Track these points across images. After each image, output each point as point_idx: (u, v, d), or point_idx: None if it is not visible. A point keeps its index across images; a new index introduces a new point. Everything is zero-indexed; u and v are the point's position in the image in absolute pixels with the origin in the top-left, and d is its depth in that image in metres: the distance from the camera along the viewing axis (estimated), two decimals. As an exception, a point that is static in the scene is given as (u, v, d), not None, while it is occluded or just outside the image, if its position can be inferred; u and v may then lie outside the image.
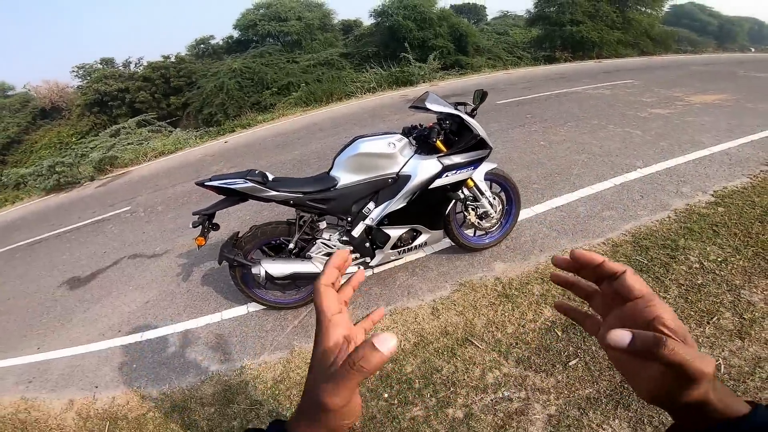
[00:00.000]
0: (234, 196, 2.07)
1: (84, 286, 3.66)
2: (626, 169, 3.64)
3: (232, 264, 2.24)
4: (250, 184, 2.00)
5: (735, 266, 2.25)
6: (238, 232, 2.35)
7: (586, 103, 6.42)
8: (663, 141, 4.25)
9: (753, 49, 22.29)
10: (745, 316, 1.92)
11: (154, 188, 6.29)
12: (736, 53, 17.18)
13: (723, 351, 1.77)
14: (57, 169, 8.32)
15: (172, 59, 17.50)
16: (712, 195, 3.02)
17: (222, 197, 2.09)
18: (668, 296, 2.12)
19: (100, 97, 15.87)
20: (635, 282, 0.39)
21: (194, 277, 3.26)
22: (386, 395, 1.85)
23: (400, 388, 1.87)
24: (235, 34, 18.12)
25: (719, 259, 2.32)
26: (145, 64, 17.70)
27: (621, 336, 0.33)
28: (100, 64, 18.29)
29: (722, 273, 2.22)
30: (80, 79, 17.70)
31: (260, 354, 2.30)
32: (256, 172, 2.08)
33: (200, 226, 2.11)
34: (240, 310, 2.70)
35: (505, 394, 1.75)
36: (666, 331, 0.35)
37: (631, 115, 5.38)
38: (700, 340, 1.84)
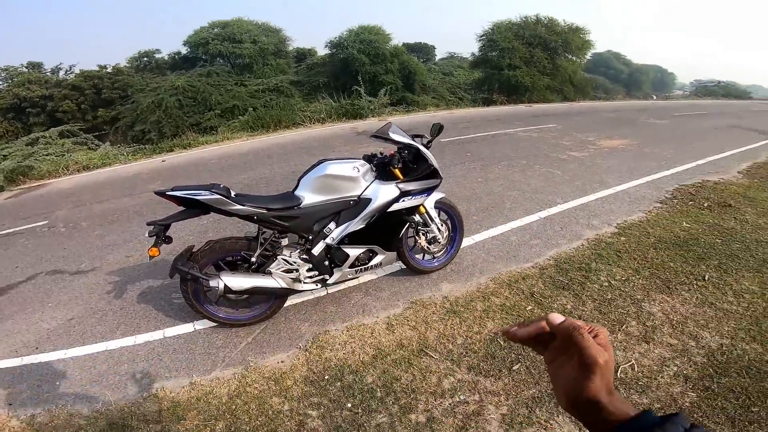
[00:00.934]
0: (195, 208, 2.08)
1: (-8, 302, 3.25)
2: (549, 205, 4.20)
3: (184, 277, 2.20)
4: (216, 196, 2.03)
5: (636, 284, 2.74)
6: (193, 246, 2.32)
7: (517, 144, 7.22)
8: (578, 180, 4.97)
9: (654, 97, 25.91)
10: (648, 324, 2.35)
11: (77, 203, 5.76)
12: (641, 100, 20.01)
13: (634, 353, 2.13)
14: (-40, 178, 7.28)
15: (109, 69, 16.37)
16: (616, 227, 3.61)
17: (181, 209, 2.09)
18: (585, 309, 2.50)
19: (18, 103, 14.29)
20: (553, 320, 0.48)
21: (129, 295, 3.06)
22: (350, 405, 1.93)
23: (363, 397, 1.96)
24: (184, 50, 17.54)
25: (623, 278, 2.80)
26: (77, 72, 16.35)
27: (555, 317, 0.47)
28: (26, 67, 16.58)
29: (626, 289, 2.68)
30: (1, 82, 15.91)
31: (211, 370, 2.24)
32: (221, 185, 2.12)
33: (155, 236, 2.07)
34: (186, 328, 2.60)
35: (461, 397, 1.93)
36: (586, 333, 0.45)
37: (553, 156, 6.18)
38: (615, 344, 2.18)
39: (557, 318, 0.47)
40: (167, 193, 2.03)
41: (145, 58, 18.59)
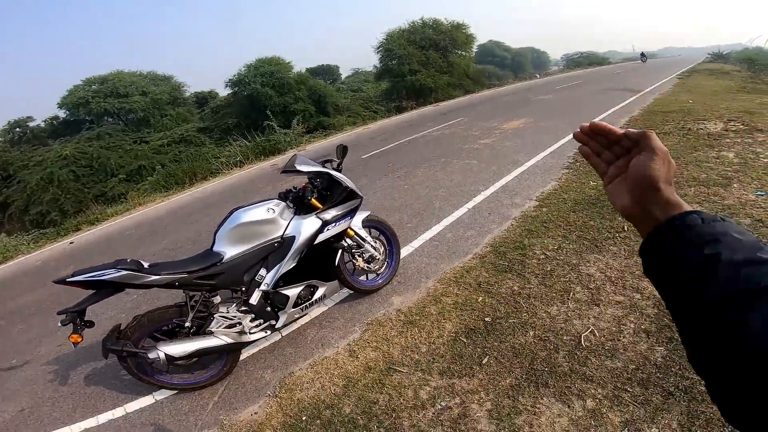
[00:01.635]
0: (106, 289, 1.90)
1: None
2: (473, 194, 4.40)
3: (120, 355, 2.03)
4: (124, 272, 1.87)
5: (568, 250, 2.90)
6: (119, 324, 2.14)
7: (433, 144, 7.56)
8: (493, 165, 5.30)
9: (537, 75, 28.86)
10: (591, 287, 2.45)
11: (-12, 303, 4.95)
12: (527, 81, 22.16)
13: (589, 320, 2.19)
14: None
15: (-22, 149, 14.28)
16: (536, 200, 3.88)
17: (91, 291, 1.90)
18: (531, 286, 2.59)
19: None
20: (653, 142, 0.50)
21: (74, 379, 2.78)
22: None
23: (347, 428, 1.88)
24: (62, 114, 15.89)
25: (556, 248, 2.97)
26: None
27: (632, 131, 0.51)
28: None
29: (562, 257, 2.83)
30: None
31: None
32: (128, 260, 1.94)
33: (71, 324, 1.87)
34: (146, 401, 2.38)
35: (443, 404, 1.89)
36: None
37: (467, 148, 6.55)
38: (568, 315, 2.24)
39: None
40: (68, 279, 1.84)
41: (18, 129, 16.54)
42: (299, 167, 2.34)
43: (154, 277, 1.95)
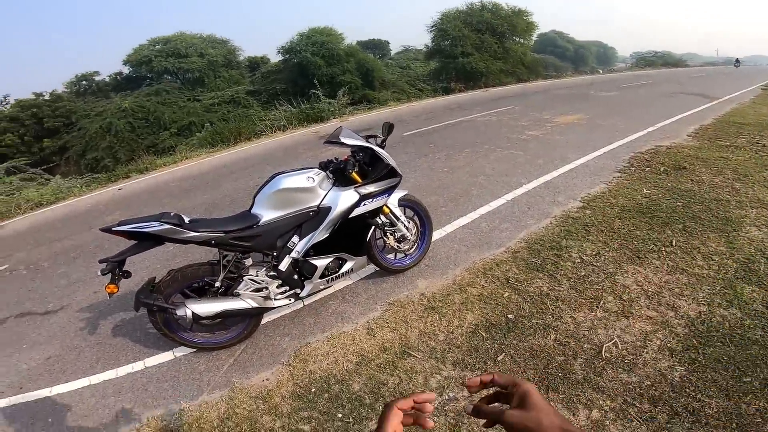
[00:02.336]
0: (147, 241, 1.97)
1: (-38, 349, 3.03)
2: (515, 186, 4.24)
3: (151, 309, 2.12)
4: (166, 226, 1.93)
5: (607, 257, 2.77)
6: (155, 277, 2.22)
7: (479, 129, 7.31)
8: (539, 159, 5.06)
9: (600, 71, 27.07)
10: (624, 298, 2.34)
11: (35, 243, 5.41)
12: (588, 75, 20.88)
13: (615, 330, 2.11)
14: None
15: (46, 97, 15.43)
16: (581, 201, 3.69)
17: (133, 242, 1.98)
18: (561, 289, 2.50)
19: (-47, 143, 13.30)
20: (500, 378, 0.57)
21: (103, 330, 2.95)
22: (340, 415, 1.88)
23: (352, 406, 1.92)
24: (126, 70, 16.84)
25: (594, 253, 2.83)
26: (12, 102, 15.34)
27: (466, 407, 0.56)
28: (-48, 104, 15.43)
29: (598, 264, 2.70)
30: None
31: (198, 395, 2.16)
32: (171, 214, 2.01)
33: (110, 274, 1.96)
34: (166, 356, 2.51)
35: (450, 395, 1.89)
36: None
37: (513, 138, 6.29)
38: (594, 323, 2.17)
39: (468, 408, 0.57)
40: (113, 228, 1.91)
41: (84, 82, 17.73)
42: (343, 139, 2.33)
43: (193, 234, 2.00)
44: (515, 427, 0.49)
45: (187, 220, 2.06)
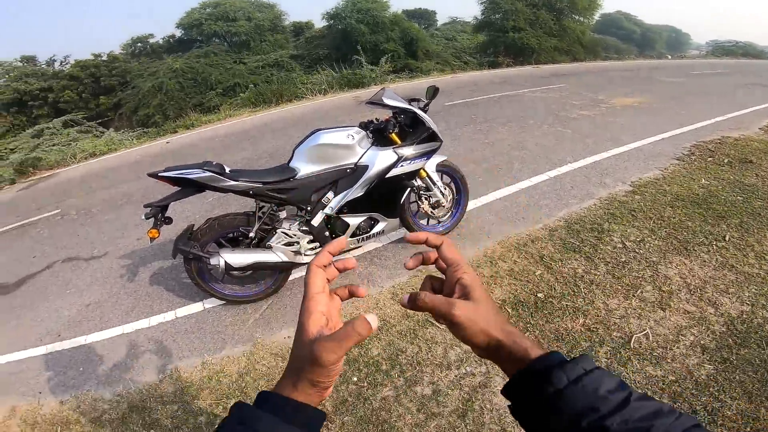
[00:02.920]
0: (190, 187, 2.03)
1: (13, 293, 3.34)
2: (559, 164, 4.03)
3: (187, 257, 2.19)
4: (209, 173, 1.99)
5: (652, 245, 2.60)
6: (193, 225, 2.30)
7: (525, 105, 6.95)
8: (589, 139, 4.76)
9: (669, 56, 24.76)
10: (664, 289, 2.22)
11: (87, 190, 5.81)
12: (654, 60, 19.19)
13: (649, 321, 2.02)
14: (-28, 173, 7.39)
15: (104, 58, 16.22)
16: (630, 185, 3.46)
17: (176, 189, 2.05)
18: (597, 273, 2.40)
19: (18, 97, 14.40)
20: (447, 252, 0.47)
21: (141, 277, 3.11)
22: (356, 378, 1.92)
23: (369, 371, 1.94)
24: (178, 33, 17.27)
25: (638, 240, 2.67)
26: (73, 62, 16.24)
27: (401, 298, 0.45)
28: (21, 62, 16.52)
29: (641, 251, 2.55)
30: None
31: (221, 348, 2.27)
32: (213, 162, 2.06)
33: (153, 218, 2.04)
34: (196, 307, 2.63)
35: (468, 369, 1.88)
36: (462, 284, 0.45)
37: (562, 116, 5.92)
38: (628, 311, 2.09)
39: (403, 299, 0.46)
40: (160, 174, 1.99)
41: (139, 44, 18.42)
42: (386, 101, 2.28)
43: (232, 183, 2.05)
44: (462, 324, 0.42)
45: (227, 170, 2.11)
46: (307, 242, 2.37)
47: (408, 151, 2.35)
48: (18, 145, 9.47)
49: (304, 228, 2.33)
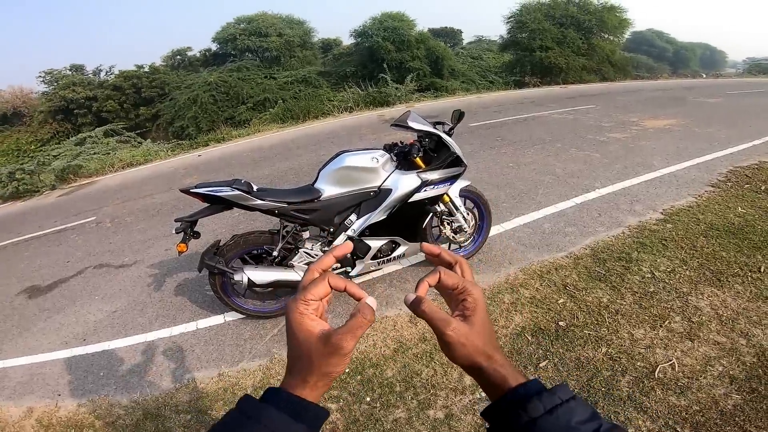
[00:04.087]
0: (218, 204, 2.11)
1: (44, 295, 3.50)
2: (586, 190, 3.94)
3: (212, 271, 2.25)
4: (237, 192, 2.05)
5: (682, 276, 2.50)
6: (219, 240, 2.37)
7: (552, 127, 6.86)
8: (619, 163, 4.64)
9: (704, 75, 23.90)
10: (693, 320, 2.14)
11: (122, 199, 6.10)
12: (688, 79, 18.58)
13: (676, 352, 1.95)
14: (17, 176, 7.89)
15: (146, 69, 17.17)
16: (662, 213, 3.33)
17: (206, 205, 2.13)
18: (624, 303, 2.32)
19: (65, 105, 15.35)
20: (448, 278, 0.47)
21: (167, 287, 3.20)
22: (368, 399, 1.91)
23: (382, 391, 1.93)
24: (214, 47, 18.11)
25: (668, 270, 2.57)
26: (117, 72, 17.26)
27: (407, 297, 0.45)
28: (70, 70, 17.67)
29: (671, 282, 2.46)
30: (47, 86, 16.99)
31: (239, 362, 2.30)
32: (242, 181, 2.14)
33: (182, 233, 2.12)
34: (217, 320, 2.69)
35: (482, 395, 1.84)
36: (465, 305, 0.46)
37: (591, 138, 5.81)
38: (654, 342, 2.02)
39: (408, 298, 0.46)
40: (191, 190, 2.08)
41: (179, 56, 19.38)
42: (411, 123, 2.30)
43: (259, 202, 2.11)
44: (452, 345, 0.43)
45: (255, 188, 2.17)
46: (329, 263, 2.39)
47: (432, 176, 2.36)
48: (61, 152, 10.07)
49: (326, 249, 2.36)
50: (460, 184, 2.64)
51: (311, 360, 0.42)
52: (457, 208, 2.63)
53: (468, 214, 2.73)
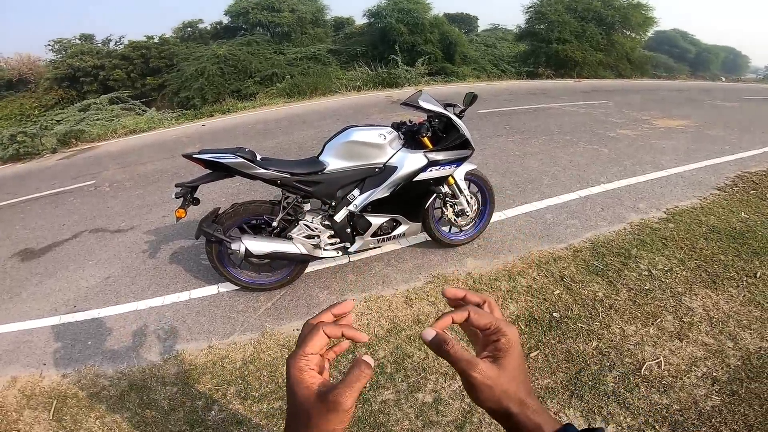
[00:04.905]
0: (221, 171, 2.08)
1: (38, 259, 3.43)
2: (591, 183, 3.91)
3: (209, 239, 2.23)
4: (240, 159, 2.02)
5: (679, 275, 2.50)
6: (219, 208, 2.34)
7: (562, 119, 6.77)
8: (627, 160, 4.58)
9: (723, 79, 23.41)
10: (685, 320, 2.14)
11: (123, 164, 6.06)
12: (707, 81, 18.25)
13: (664, 350, 1.96)
14: (18, 139, 7.84)
15: (156, 40, 16.91)
16: (665, 212, 3.31)
17: (208, 171, 2.11)
18: (619, 298, 2.32)
19: (72, 72, 15.22)
20: (479, 319, 0.44)
21: (162, 254, 3.16)
22: None
23: (373, 372, 1.94)
24: (225, 20, 17.80)
25: (666, 269, 2.57)
26: (126, 42, 17.02)
27: (426, 333, 0.43)
28: (79, 39, 17.43)
29: (667, 281, 2.46)
30: (55, 54, 16.84)
31: (230, 334, 2.28)
32: (246, 149, 2.10)
33: (182, 198, 2.09)
34: (210, 290, 2.66)
35: None
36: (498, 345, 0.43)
37: (601, 133, 5.74)
38: (644, 339, 2.03)
39: (428, 334, 0.43)
40: (194, 155, 2.04)
41: (189, 29, 19.10)
42: (422, 103, 2.26)
43: (262, 170, 2.08)
44: (478, 387, 0.41)
45: (259, 157, 2.14)
46: (328, 237, 2.38)
47: (439, 156, 2.34)
48: (65, 117, 10.01)
49: (327, 222, 2.35)
50: (466, 167, 2.62)
51: (310, 419, 0.40)
52: (461, 191, 2.61)
53: (471, 198, 2.71)
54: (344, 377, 0.41)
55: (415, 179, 2.31)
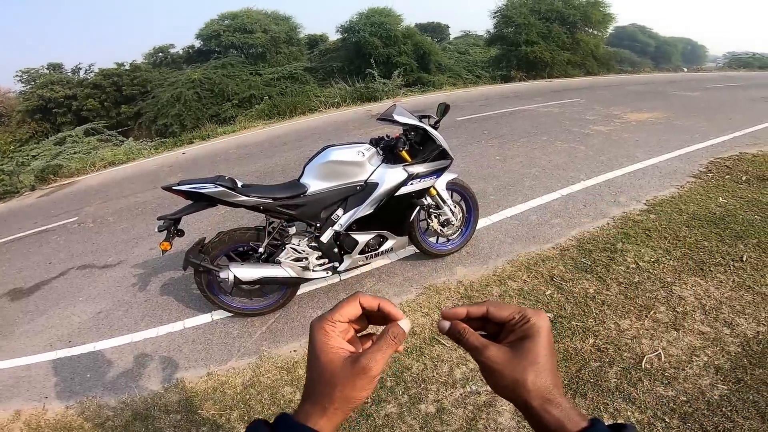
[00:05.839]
0: (202, 201, 2.07)
1: (27, 298, 3.40)
2: (571, 182, 3.99)
3: (197, 269, 2.22)
4: (221, 188, 2.02)
5: (666, 265, 2.55)
6: (204, 238, 2.32)
7: (537, 120, 6.92)
8: (603, 155, 4.71)
9: (685, 69, 24.33)
10: (678, 310, 2.17)
11: (104, 198, 5.95)
12: (670, 73, 18.96)
13: (662, 342, 1.97)
14: (-5, 177, 7.65)
15: (127, 67, 16.76)
16: (645, 204, 3.39)
17: (189, 202, 2.09)
18: (609, 293, 2.35)
19: (44, 104, 14.94)
20: (499, 311, 0.43)
21: (152, 286, 3.15)
22: None
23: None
24: (197, 43, 17.77)
25: (652, 260, 2.61)
26: (97, 70, 16.81)
27: (441, 324, 0.44)
28: (47, 69, 17.12)
29: (656, 272, 2.50)
30: (24, 85, 16.49)
31: (227, 360, 2.27)
32: (226, 177, 2.10)
33: (165, 231, 2.08)
34: (204, 318, 2.65)
35: (473, 388, 1.85)
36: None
37: (576, 131, 5.88)
38: (640, 332, 2.05)
39: (444, 325, 0.44)
40: (173, 188, 2.03)
41: (161, 54, 18.95)
42: (397, 117, 2.29)
43: (243, 198, 2.08)
44: (494, 372, 0.39)
45: (239, 184, 2.14)
46: (316, 258, 2.37)
47: (418, 168, 2.36)
48: (40, 151, 9.77)
49: (313, 244, 2.34)
50: (447, 177, 2.64)
51: (334, 384, 0.39)
52: (444, 201, 2.63)
53: (455, 206, 2.74)
54: (376, 341, 0.41)
55: (397, 194, 2.32)
